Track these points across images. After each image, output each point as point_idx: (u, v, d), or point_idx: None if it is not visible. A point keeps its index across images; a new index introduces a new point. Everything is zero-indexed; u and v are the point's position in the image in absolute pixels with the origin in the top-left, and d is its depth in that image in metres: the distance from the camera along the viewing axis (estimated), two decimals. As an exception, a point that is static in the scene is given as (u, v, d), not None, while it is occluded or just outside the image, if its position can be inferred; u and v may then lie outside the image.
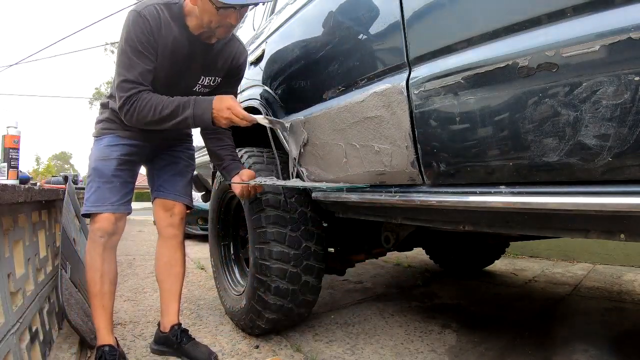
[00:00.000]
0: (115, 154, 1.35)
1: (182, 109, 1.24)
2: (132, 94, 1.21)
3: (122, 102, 1.22)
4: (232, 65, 1.42)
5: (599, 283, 2.32)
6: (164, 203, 1.47)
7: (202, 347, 1.40)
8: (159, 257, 1.49)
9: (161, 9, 1.22)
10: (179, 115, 1.24)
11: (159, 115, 1.22)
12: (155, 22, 1.21)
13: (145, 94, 1.22)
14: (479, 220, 0.89)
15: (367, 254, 1.83)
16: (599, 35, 0.59)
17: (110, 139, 1.37)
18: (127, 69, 1.21)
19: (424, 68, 0.88)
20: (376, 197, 1.11)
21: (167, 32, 1.23)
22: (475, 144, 0.80)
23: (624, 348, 1.42)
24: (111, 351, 1.29)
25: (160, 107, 1.22)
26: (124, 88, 1.22)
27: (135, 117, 1.23)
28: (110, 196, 1.31)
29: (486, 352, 1.42)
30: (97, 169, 1.33)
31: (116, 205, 1.31)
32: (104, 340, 1.30)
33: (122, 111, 1.24)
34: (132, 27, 1.19)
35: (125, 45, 1.20)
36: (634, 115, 0.57)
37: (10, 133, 1.77)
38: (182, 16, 1.25)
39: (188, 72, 1.34)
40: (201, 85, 1.40)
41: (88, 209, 1.30)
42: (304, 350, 1.48)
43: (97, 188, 1.31)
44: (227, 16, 1.18)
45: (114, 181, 1.33)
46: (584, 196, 0.65)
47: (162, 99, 1.24)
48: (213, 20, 1.19)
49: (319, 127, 1.28)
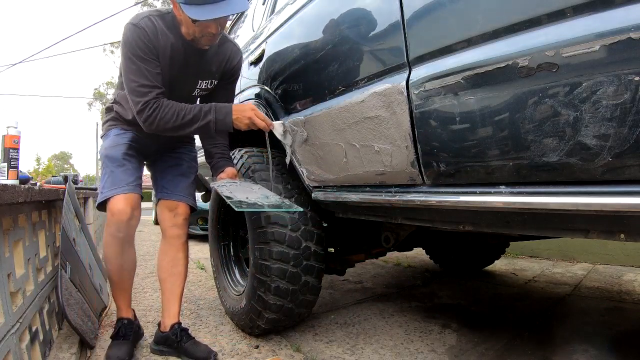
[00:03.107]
0: (124, 140, 1.42)
1: (204, 114, 1.29)
2: (151, 99, 1.25)
3: (141, 107, 1.25)
4: (226, 67, 1.46)
5: (599, 283, 2.32)
6: (168, 203, 1.49)
7: (201, 346, 1.40)
8: (162, 256, 1.50)
9: (155, 19, 1.28)
10: (201, 119, 1.29)
11: (181, 120, 1.27)
12: (152, 31, 1.26)
13: (165, 101, 1.27)
14: (479, 220, 0.89)
15: (367, 254, 1.83)
16: (599, 35, 0.59)
17: (117, 130, 1.45)
18: (137, 74, 1.24)
19: (424, 68, 0.88)
20: (376, 197, 1.11)
21: (165, 40, 1.28)
22: (475, 144, 0.80)
23: (624, 348, 1.42)
24: (129, 323, 1.46)
25: (183, 113, 1.27)
26: (141, 92, 1.24)
27: (157, 122, 1.26)
28: (126, 177, 1.35)
29: (486, 352, 1.42)
30: (108, 155, 1.39)
31: (132, 186, 1.35)
32: (123, 314, 1.47)
33: (142, 116, 1.26)
34: (131, 38, 1.24)
35: (129, 54, 1.24)
36: (634, 115, 0.57)
37: (10, 133, 1.78)
38: (176, 24, 1.30)
39: (186, 77, 1.38)
40: (199, 89, 1.45)
41: (105, 194, 1.32)
42: (304, 350, 1.48)
43: (111, 172, 1.35)
44: (206, 26, 1.23)
45: (126, 164, 1.38)
46: (584, 196, 0.65)
47: (182, 106, 1.29)
48: (195, 31, 1.25)
49: (319, 127, 1.28)
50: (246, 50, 1.99)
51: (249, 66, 1.86)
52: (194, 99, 1.49)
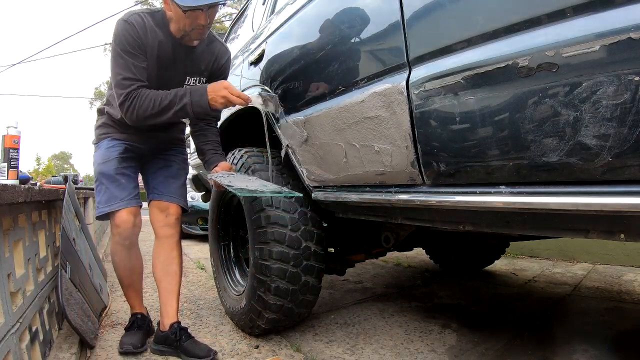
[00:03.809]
0: (114, 154, 1.44)
1: (179, 98, 1.31)
2: (132, 90, 1.28)
3: (122, 99, 1.29)
4: (214, 66, 1.51)
5: (599, 283, 2.32)
6: (159, 204, 1.52)
7: (201, 345, 1.41)
8: (156, 256, 1.52)
9: (145, 17, 1.32)
10: (177, 103, 1.31)
11: (158, 107, 1.30)
12: (141, 28, 1.30)
13: (144, 90, 1.30)
14: (479, 220, 0.89)
15: (367, 254, 1.83)
16: (599, 35, 0.59)
17: (108, 142, 1.47)
18: (123, 68, 1.29)
19: (424, 68, 0.88)
20: (376, 197, 1.11)
21: (153, 37, 1.32)
22: (475, 144, 0.80)
23: (624, 348, 1.42)
24: (143, 317, 1.57)
25: (159, 99, 1.30)
26: (123, 85, 1.29)
27: (136, 112, 1.30)
28: (120, 193, 1.40)
29: (486, 352, 1.42)
30: (101, 172, 1.43)
31: (127, 200, 1.41)
32: (137, 310, 1.57)
33: (123, 107, 1.30)
34: (121, 33, 1.28)
35: (118, 49, 1.29)
36: (634, 115, 0.57)
37: (10, 133, 1.78)
38: (165, 22, 1.34)
39: (174, 74, 1.42)
40: (188, 86, 1.46)
41: (102, 210, 1.40)
42: (304, 350, 1.48)
43: (106, 189, 1.41)
44: (196, 17, 1.27)
45: (119, 179, 1.42)
46: (584, 196, 0.65)
47: (159, 93, 1.31)
48: (186, 24, 1.29)
49: (319, 127, 1.28)
50: (246, 50, 1.99)
51: (249, 66, 1.85)
52: None
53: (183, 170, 1.63)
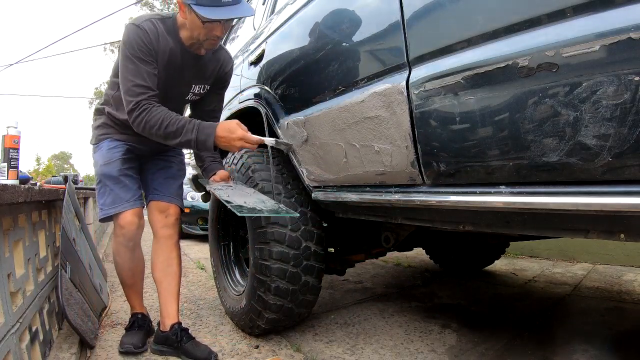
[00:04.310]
0: (117, 155, 1.44)
1: (185, 132, 1.28)
2: (143, 100, 1.27)
3: (132, 106, 1.27)
4: (219, 73, 1.51)
5: (599, 283, 2.32)
6: (159, 205, 1.52)
7: (202, 346, 1.41)
8: (156, 257, 1.52)
9: (157, 23, 1.31)
10: (182, 136, 1.28)
11: (164, 130, 1.27)
12: (153, 34, 1.29)
13: (156, 107, 1.28)
14: (479, 220, 0.89)
15: (367, 254, 1.83)
16: (599, 35, 0.59)
17: (109, 143, 1.46)
18: (134, 74, 1.27)
19: (424, 68, 0.88)
20: (376, 197, 1.11)
21: (164, 44, 1.32)
22: (475, 144, 0.80)
23: (624, 348, 1.42)
24: (143, 317, 1.58)
25: (166, 123, 1.27)
26: (134, 92, 1.27)
27: (142, 125, 1.28)
28: (125, 195, 1.41)
29: (486, 352, 1.42)
30: (104, 173, 1.42)
31: (132, 202, 1.41)
32: (137, 310, 1.58)
33: (132, 116, 1.29)
34: (133, 38, 1.27)
35: (128, 54, 1.27)
36: (634, 115, 0.57)
37: (10, 133, 1.77)
38: (175, 29, 1.34)
39: (181, 81, 1.42)
40: (192, 93, 1.49)
41: (106, 212, 1.40)
42: (304, 350, 1.48)
43: (110, 191, 1.40)
44: (212, 29, 1.27)
45: (123, 180, 1.42)
46: (584, 196, 0.65)
47: (169, 115, 1.28)
48: (201, 33, 1.28)
49: (319, 127, 1.28)
50: (246, 50, 1.99)
51: (249, 66, 1.85)
52: (187, 103, 1.55)
53: (181, 172, 1.64)
